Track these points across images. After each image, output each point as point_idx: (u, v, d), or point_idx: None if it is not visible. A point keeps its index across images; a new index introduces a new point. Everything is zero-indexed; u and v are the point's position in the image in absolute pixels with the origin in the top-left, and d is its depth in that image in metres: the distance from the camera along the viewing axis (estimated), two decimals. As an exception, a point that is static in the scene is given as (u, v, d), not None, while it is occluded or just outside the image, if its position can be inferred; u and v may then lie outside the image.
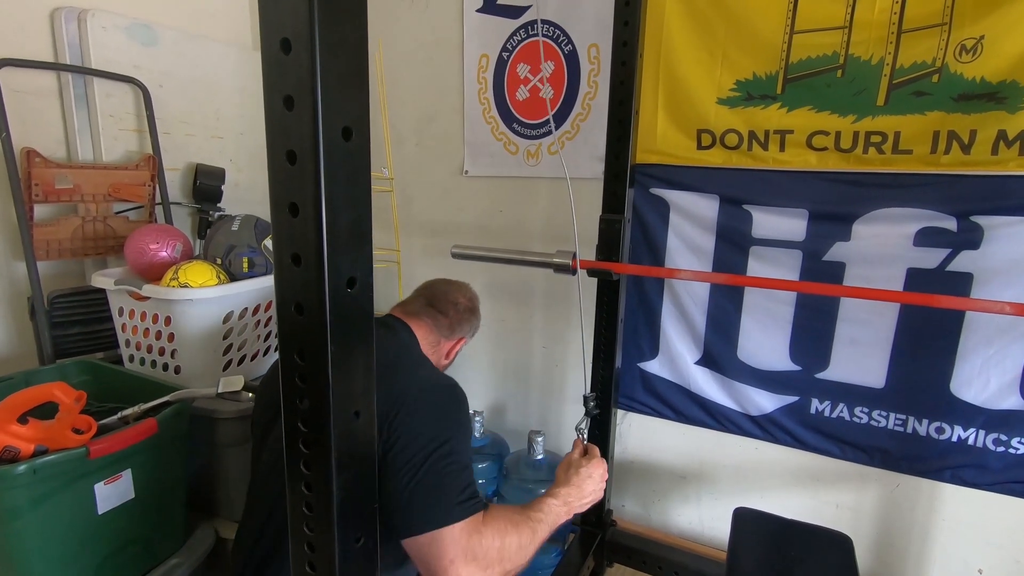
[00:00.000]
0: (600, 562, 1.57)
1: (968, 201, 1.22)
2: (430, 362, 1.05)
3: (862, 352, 1.37)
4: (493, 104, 1.77)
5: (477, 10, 1.74)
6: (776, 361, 1.47)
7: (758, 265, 1.45)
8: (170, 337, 1.35)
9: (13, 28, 1.41)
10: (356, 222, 0.49)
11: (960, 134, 1.20)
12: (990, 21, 1.14)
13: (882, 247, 1.31)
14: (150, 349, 1.40)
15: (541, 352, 1.85)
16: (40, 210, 1.44)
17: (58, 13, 1.46)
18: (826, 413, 1.44)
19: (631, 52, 1.33)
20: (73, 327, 1.48)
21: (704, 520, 1.70)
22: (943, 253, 1.26)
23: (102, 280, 1.39)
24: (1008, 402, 1.24)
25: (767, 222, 1.42)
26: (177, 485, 1.19)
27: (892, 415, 1.37)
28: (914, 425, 1.35)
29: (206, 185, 1.75)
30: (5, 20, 1.40)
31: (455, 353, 1.18)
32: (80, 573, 1.03)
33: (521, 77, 1.71)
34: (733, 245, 1.47)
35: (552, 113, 1.68)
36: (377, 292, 0.58)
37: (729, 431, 1.57)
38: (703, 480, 1.68)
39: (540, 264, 1.39)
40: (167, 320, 1.33)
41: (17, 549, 0.94)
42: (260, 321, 1.50)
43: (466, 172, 1.86)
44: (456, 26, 1.79)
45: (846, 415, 1.42)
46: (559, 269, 1.35)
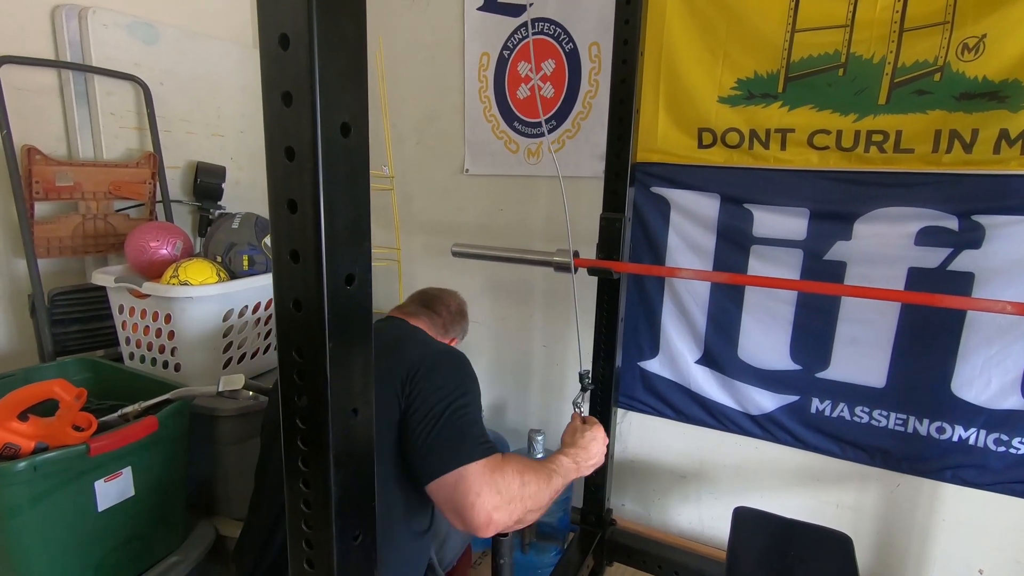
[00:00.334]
0: (600, 561, 1.57)
1: (970, 200, 1.21)
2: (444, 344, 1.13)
3: (863, 351, 1.37)
4: (494, 102, 1.77)
5: (478, 8, 1.74)
6: (777, 360, 1.47)
7: (759, 264, 1.44)
8: (170, 335, 1.35)
9: (14, 25, 1.41)
10: (355, 219, 0.49)
11: (962, 133, 1.20)
12: (992, 20, 1.14)
13: (883, 246, 1.31)
14: (150, 347, 1.40)
15: (541, 351, 1.85)
16: (41, 208, 1.44)
17: (59, 10, 1.46)
18: (827, 413, 1.44)
19: (632, 50, 1.32)
20: (73, 325, 1.48)
21: (704, 519, 1.70)
22: (944, 252, 1.25)
23: (102, 278, 1.39)
24: (1009, 402, 1.24)
25: (768, 221, 1.42)
26: (177, 483, 1.19)
27: (893, 415, 1.37)
28: (915, 425, 1.35)
29: (206, 183, 1.75)
30: (6, 17, 1.40)
31: None
32: (80, 570, 1.03)
33: (522, 75, 1.71)
34: (734, 244, 1.47)
35: (553, 112, 1.68)
36: (377, 291, 0.59)
37: (729, 430, 1.57)
38: (703, 479, 1.67)
39: (540, 263, 1.39)
40: (167, 318, 1.33)
41: (17, 546, 0.94)
42: (260, 319, 1.50)
43: (467, 171, 1.86)
44: (457, 24, 1.79)
45: (847, 415, 1.42)
46: (559, 268, 1.35)
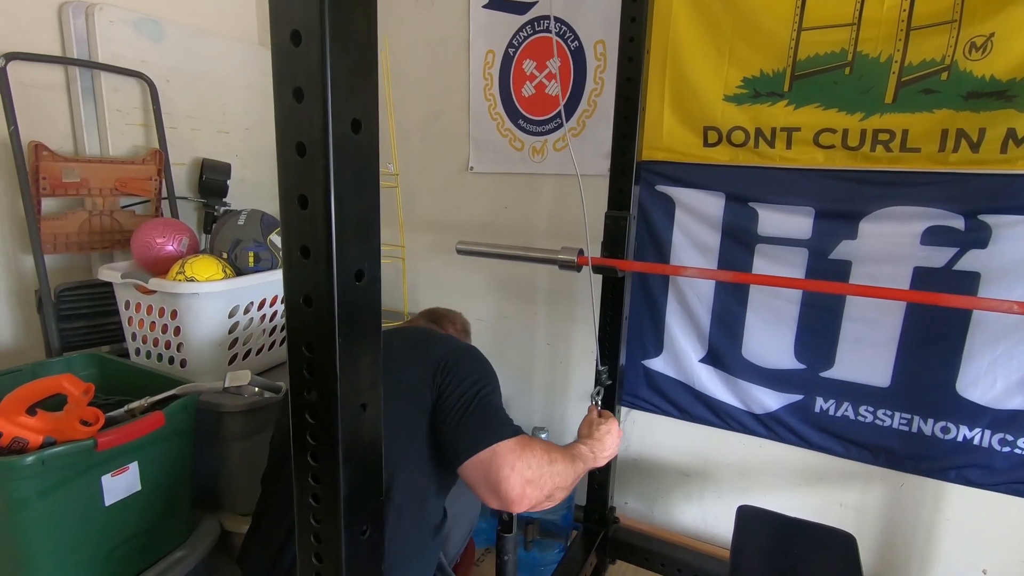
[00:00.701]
0: (603, 559, 1.57)
1: (976, 200, 1.21)
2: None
3: (868, 351, 1.36)
4: (499, 100, 1.77)
5: (484, 6, 1.73)
6: (781, 359, 1.47)
7: (764, 263, 1.44)
8: (176, 331, 1.35)
9: (21, 22, 1.42)
10: (364, 214, 0.49)
11: (969, 132, 1.20)
12: (1001, 18, 1.13)
13: (889, 246, 1.30)
14: (156, 343, 1.40)
15: (545, 349, 1.85)
16: (47, 204, 1.45)
17: (66, 7, 1.47)
18: (831, 412, 1.44)
19: (638, 48, 1.32)
20: (80, 320, 1.48)
21: (707, 518, 1.70)
22: (950, 252, 1.25)
23: (109, 273, 1.39)
24: (1015, 402, 1.24)
25: (773, 220, 1.42)
26: (183, 478, 1.19)
27: (897, 414, 1.36)
28: (919, 424, 1.34)
29: (212, 180, 1.75)
30: (14, 14, 1.40)
31: None
32: (86, 564, 1.03)
33: (527, 73, 1.71)
34: (739, 243, 1.46)
35: (558, 110, 1.68)
36: (382, 289, 0.58)
37: (733, 429, 1.57)
38: (706, 478, 1.67)
39: (545, 260, 1.39)
40: (173, 314, 1.33)
41: (24, 539, 0.95)
42: (266, 316, 1.50)
43: (471, 168, 1.86)
44: (462, 22, 1.78)
45: (851, 414, 1.41)
46: (564, 266, 1.35)
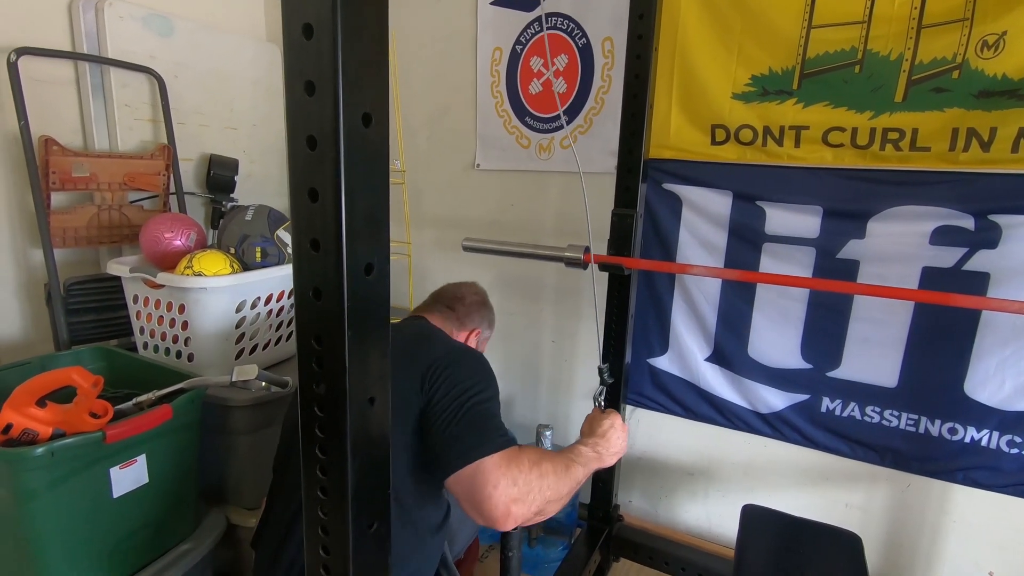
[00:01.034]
0: (606, 556, 1.57)
1: (986, 200, 1.20)
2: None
3: (875, 351, 1.36)
4: (506, 97, 1.77)
5: (491, 2, 1.73)
6: (787, 359, 1.46)
7: (771, 262, 1.44)
8: (184, 325, 1.36)
9: (32, 17, 1.42)
10: (374, 208, 0.49)
11: (980, 131, 1.19)
12: (1014, 16, 1.12)
13: (897, 245, 1.30)
14: (164, 337, 1.41)
15: (550, 347, 1.85)
16: (57, 198, 1.46)
17: (76, 3, 1.47)
18: (837, 412, 1.43)
19: (646, 45, 1.32)
20: (88, 314, 1.49)
21: (711, 517, 1.69)
22: (960, 252, 1.24)
23: (117, 268, 1.40)
24: (1023, 403, 1.23)
25: (780, 219, 1.41)
26: (190, 471, 1.20)
27: (904, 415, 1.36)
28: (926, 425, 1.34)
29: (220, 175, 1.76)
30: (24, 9, 1.41)
31: (469, 341, 1.21)
32: (94, 555, 1.04)
33: (534, 70, 1.71)
34: (746, 241, 1.46)
35: (565, 107, 1.67)
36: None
37: (738, 428, 1.57)
38: (711, 477, 1.67)
39: (551, 258, 1.39)
40: (181, 308, 1.34)
41: (33, 530, 0.96)
42: (273, 311, 1.51)
43: (478, 165, 1.86)
44: (470, 19, 1.78)
45: (857, 414, 1.41)
46: (570, 263, 1.35)
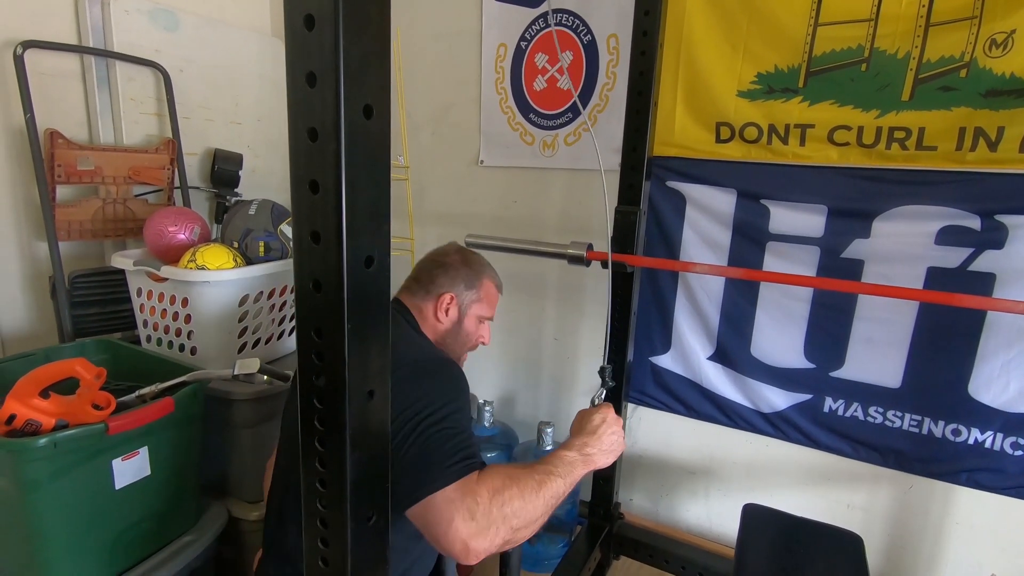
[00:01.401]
0: (607, 554, 1.57)
1: (993, 200, 1.19)
2: (426, 344, 1.03)
3: (879, 351, 1.35)
4: (510, 94, 1.76)
5: (496, -1, 1.73)
6: (790, 358, 1.46)
7: (774, 261, 1.43)
8: (187, 318, 1.36)
9: (38, 10, 1.43)
10: (375, 201, 0.49)
11: (987, 131, 1.18)
12: (1023, 14, 1.11)
13: (902, 245, 1.29)
14: (167, 330, 1.42)
15: (553, 344, 1.85)
16: (62, 191, 1.46)
17: (82, -4, 1.48)
18: (840, 412, 1.42)
19: (651, 42, 1.31)
20: (92, 307, 1.50)
21: (712, 516, 1.69)
22: (965, 252, 1.23)
23: (121, 261, 1.41)
24: (1028, 405, 1.22)
25: (785, 217, 1.40)
26: (192, 464, 1.21)
27: (907, 416, 1.35)
28: (930, 426, 1.33)
29: (224, 170, 1.76)
30: (30, 2, 1.41)
31: (451, 310, 1.08)
32: (95, 546, 1.05)
33: (539, 67, 1.70)
34: (749, 240, 1.45)
35: (570, 103, 1.67)
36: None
37: (740, 428, 1.56)
38: (712, 476, 1.67)
39: (554, 255, 1.38)
40: (184, 301, 1.35)
41: (36, 520, 0.96)
42: (275, 305, 1.51)
43: (481, 162, 1.86)
44: (475, 14, 1.78)
45: (860, 414, 1.40)
46: (573, 260, 1.35)
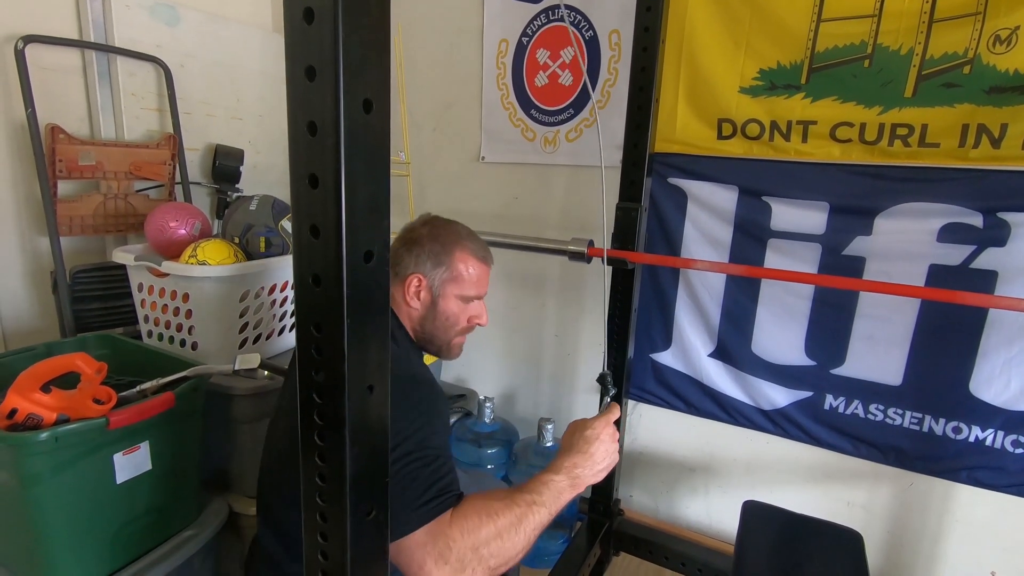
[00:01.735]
0: (607, 551, 1.57)
1: (996, 197, 1.19)
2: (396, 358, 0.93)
3: (879, 349, 1.35)
4: (511, 90, 1.76)
5: (498, -6, 1.73)
6: (791, 355, 1.46)
7: (776, 258, 1.43)
8: (188, 314, 1.36)
9: (39, 5, 1.43)
10: (374, 196, 0.49)
11: (990, 128, 1.17)
12: (1027, 11, 1.11)
13: (904, 242, 1.29)
14: (168, 325, 1.42)
15: (553, 340, 1.85)
16: (63, 186, 1.46)
17: (83, -9, 1.48)
18: (840, 409, 1.42)
19: (653, 38, 1.30)
20: (94, 302, 1.50)
21: (712, 513, 1.69)
22: (968, 250, 1.23)
23: (123, 256, 1.41)
24: (1029, 403, 1.22)
25: (786, 214, 1.40)
26: (192, 459, 1.21)
27: (908, 413, 1.35)
28: (930, 424, 1.33)
29: (225, 166, 1.76)
30: (32, -3, 1.41)
31: (422, 293, 0.99)
32: (97, 540, 1.05)
33: (540, 63, 1.70)
34: (751, 237, 1.45)
35: (571, 100, 1.67)
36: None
37: (740, 425, 1.56)
38: (712, 473, 1.67)
39: (555, 251, 1.38)
40: (185, 297, 1.35)
41: (37, 514, 0.97)
42: (276, 300, 1.51)
43: (483, 158, 1.86)
44: (476, 10, 1.77)
45: (861, 412, 1.40)
46: (574, 257, 1.35)
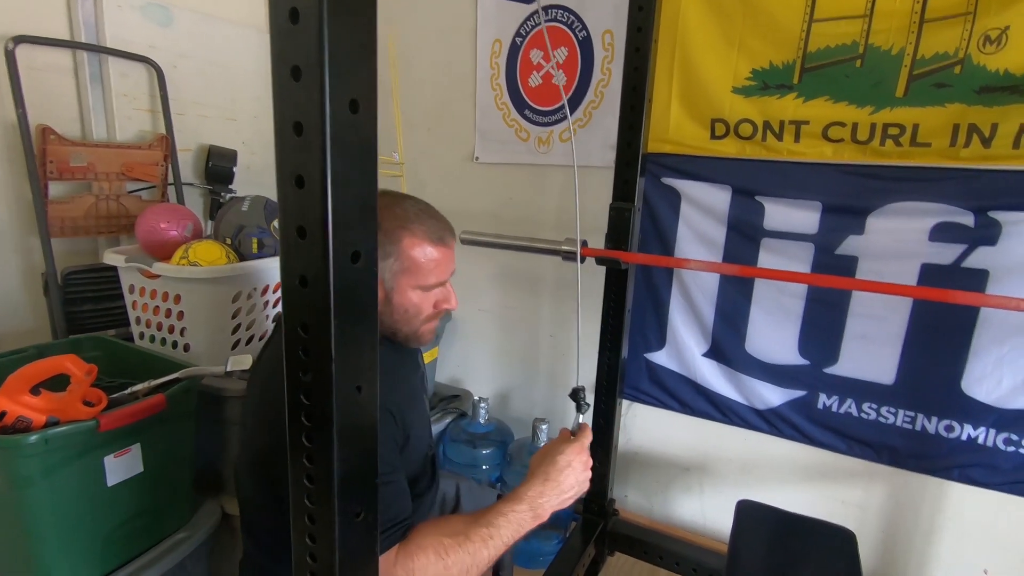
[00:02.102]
0: (601, 551, 1.57)
1: (987, 196, 1.19)
2: None
3: (872, 347, 1.35)
4: (505, 90, 1.76)
5: (491, -6, 1.72)
6: (784, 355, 1.46)
7: (769, 257, 1.43)
8: (179, 315, 1.36)
9: (30, 5, 1.42)
10: (362, 196, 0.48)
11: (981, 127, 1.18)
12: (1016, 11, 1.11)
13: (896, 242, 1.29)
14: (160, 327, 1.41)
15: (548, 341, 1.85)
16: (55, 187, 1.46)
17: (74, -9, 1.47)
18: (834, 408, 1.43)
19: (645, 38, 1.30)
20: (85, 304, 1.50)
21: (706, 512, 1.70)
22: (959, 249, 1.23)
23: (114, 258, 1.40)
24: (1020, 401, 1.23)
25: (779, 214, 1.40)
26: (184, 461, 1.20)
27: (901, 412, 1.36)
28: (923, 422, 1.33)
29: (218, 166, 1.75)
30: (22, -3, 1.40)
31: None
32: (88, 543, 1.04)
33: (534, 63, 1.70)
34: (744, 237, 1.45)
35: (565, 99, 1.67)
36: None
37: (735, 424, 1.57)
38: (706, 472, 1.67)
39: (548, 251, 1.38)
40: (177, 298, 1.34)
41: (28, 517, 0.96)
42: (269, 302, 1.51)
43: (477, 159, 1.86)
44: (470, 10, 1.77)
45: (854, 411, 1.41)
46: (567, 257, 1.35)
